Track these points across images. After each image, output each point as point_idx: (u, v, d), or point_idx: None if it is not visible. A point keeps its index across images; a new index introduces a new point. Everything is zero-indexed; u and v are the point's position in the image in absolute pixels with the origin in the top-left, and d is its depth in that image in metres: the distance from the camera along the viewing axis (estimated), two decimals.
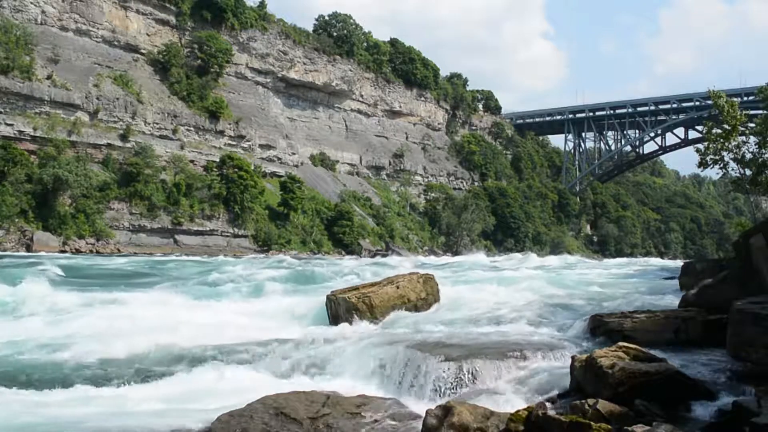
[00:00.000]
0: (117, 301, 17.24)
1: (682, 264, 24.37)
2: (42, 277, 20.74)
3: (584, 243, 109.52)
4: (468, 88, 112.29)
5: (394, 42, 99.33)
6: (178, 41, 70.50)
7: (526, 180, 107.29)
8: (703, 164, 24.59)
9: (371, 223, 78.89)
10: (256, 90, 78.05)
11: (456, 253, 76.58)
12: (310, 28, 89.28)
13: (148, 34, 68.13)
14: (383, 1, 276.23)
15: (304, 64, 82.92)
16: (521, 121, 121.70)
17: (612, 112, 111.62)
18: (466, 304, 16.85)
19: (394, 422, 7.88)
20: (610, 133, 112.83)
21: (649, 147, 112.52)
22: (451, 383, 8.99)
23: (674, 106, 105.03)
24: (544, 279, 24.96)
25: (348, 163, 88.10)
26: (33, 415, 8.38)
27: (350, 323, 14.52)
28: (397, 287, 15.67)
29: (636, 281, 26.33)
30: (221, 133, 69.45)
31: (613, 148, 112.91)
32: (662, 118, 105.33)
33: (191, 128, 66.60)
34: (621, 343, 8.54)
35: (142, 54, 66.99)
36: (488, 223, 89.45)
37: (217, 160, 65.66)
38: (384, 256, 67.54)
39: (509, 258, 51.48)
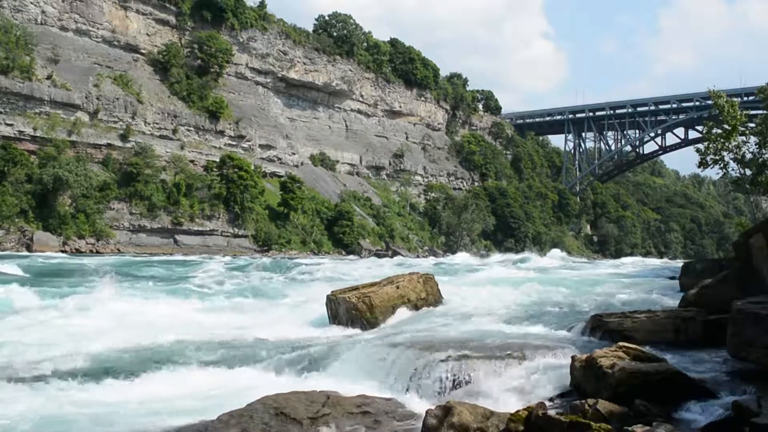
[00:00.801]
0: None
1: (682, 264, 24.38)
2: None
3: (584, 243, 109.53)
4: (468, 88, 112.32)
5: (394, 42, 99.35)
6: (178, 41, 70.51)
7: (526, 180, 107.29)
8: (703, 164, 24.62)
9: (371, 223, 78.89)
10: (256, 90, 78.07)
11: (456, 253, 76.57)
12: (310, 28, 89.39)
13: (148, 34, 68.15)
14: (383, 1, 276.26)
15: (304, 64, 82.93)
16: (521, 121, 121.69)
17: (612, 112, 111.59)
18: (466, 303, 16.85)
19: (394, 422, 7.88)
20: (610, 133, 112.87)
21: (649, 147, 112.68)
22: (451, 383, 8.99)
23: (674, 106, 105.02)
24: (544, 279, 24.96)
25: (348, 163, 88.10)
26: (34, 414, 8.38)
27: (350, 323, 14.52)
28: (397, 287, 15.66)
29: (636, 281, 26.31)
30: (221, 133, 69.46)
31: (613, 148, 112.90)
32: (662, 118, 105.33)
33: (191, 128, 66.61)
34: (621, 343, 8.53)
35: (142, 54, 67.00)
36: (488, 223, 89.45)
37: (217, 160, 65.66)
38: (384, 256, 67.56)
39: (503, 259, 50.72)
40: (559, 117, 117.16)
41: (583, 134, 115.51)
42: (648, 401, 7.04)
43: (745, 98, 67.85)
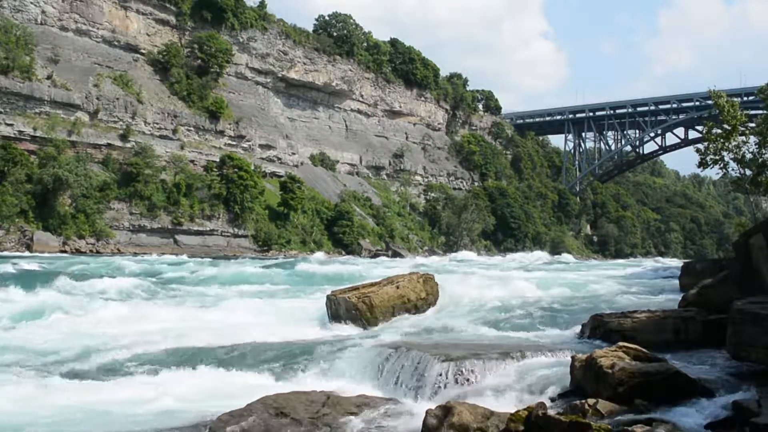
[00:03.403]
0: None
1: (682, 264, 24.37)
2: None
3: (584, 243, 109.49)
4: (468, 88, 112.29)
5: (394, 42, 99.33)
6: (178, 41, 70.49)
7: (526, 180, 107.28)
8: (703, 164, 24.58)
9: (371, 223, 78.88)
10: (256, 90, 78.04)
11: (456, 253, 76.60)
12: (310, 28, 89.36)
13: (148, 34, 68.12)
14: (383, 1, 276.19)
15: (304, 64, 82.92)
16: (521, 121, 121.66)
17: (612, 112, 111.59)
18: (465, 304, 16.86)
19: (394, 422, 7.88)
20: (610, 133, 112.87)
21: (649, 147, 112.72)
22: (451, 383, 8.98)
23: (674, 106, 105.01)
24: (545, 279, 24.96)
25: (348, 163, 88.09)
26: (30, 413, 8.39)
27: (350, 323, 14.52)
28: (397, 287, 15.65)
29: (636, 281, 26.32)
30: (221, 133, 69.44)
31: (613, 148, 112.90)
32: (662, 118, 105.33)
33: (191, 128, 66.59)
34: (621, 343, 8.53)
35: (142, 54, 66.98)
36: (488, 223, 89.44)
37: (217, 160, 65.65)
38: (383, 256, 67.60)
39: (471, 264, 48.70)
40: (559, 117, 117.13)
41: (583, 134, 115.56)
42: (648, 401, 7.04)
43: (745, 98, 67.88)
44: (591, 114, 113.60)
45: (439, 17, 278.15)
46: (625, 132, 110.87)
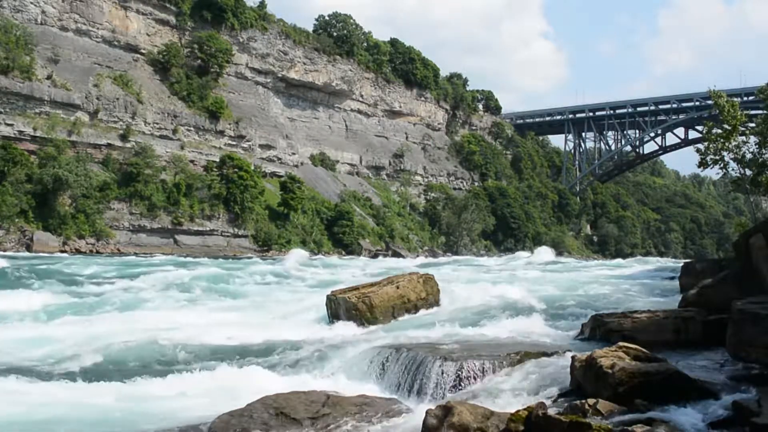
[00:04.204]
0: None
1: (682, 264, 24.36)
2: None
3: (584, 243, 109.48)
4: (468, 88, 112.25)
5: (394, 42, 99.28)
6: (178, 41, 70.46)
7: (526, 180, 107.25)
8: (703, 164, 24.56)
9: (371, 223, 78.87)
10: (256, 90, 78.02)
11: (456, 253, 76.61)
12: (310, 28, 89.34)
13: (148, 34, 68.09)
14: (383, 1, 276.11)
15: (304, 64, 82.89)
16: (521, 121, 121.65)
17: (612, 112, 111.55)
18: (466, 304, 16.87)
19: (394, 422, 7.88)
20: (610, 133, 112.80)
21: (649, 147, 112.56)
22: (451, 383, 8.99)
23: (674, 106, 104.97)
24: (544, 279, 24.97)
25: (348, 163, 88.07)
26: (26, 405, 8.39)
27: (350, 323, 14.53)
28: (397, 287, 15.66)
29: (636, 281, 26.33)
30: (221, 133, 69.41)
31: (613, 148, 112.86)
32: (662, 118, 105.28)
33: (191, 128, 66.56)
34: (621, 343, 8.54)
35: (142, 54, 66.95)
36: (488, 223, 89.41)
37: (217, 160, 65.59)
38: (384, 256, 67.64)
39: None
40: (559, 117, 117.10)
41: (583, 134, 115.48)
42: (648, 401, 7.04)
43: (745, 98, 67.83)
44: (591, 114, 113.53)
45: (439, 17, 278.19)
46: (625, 132, 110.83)
